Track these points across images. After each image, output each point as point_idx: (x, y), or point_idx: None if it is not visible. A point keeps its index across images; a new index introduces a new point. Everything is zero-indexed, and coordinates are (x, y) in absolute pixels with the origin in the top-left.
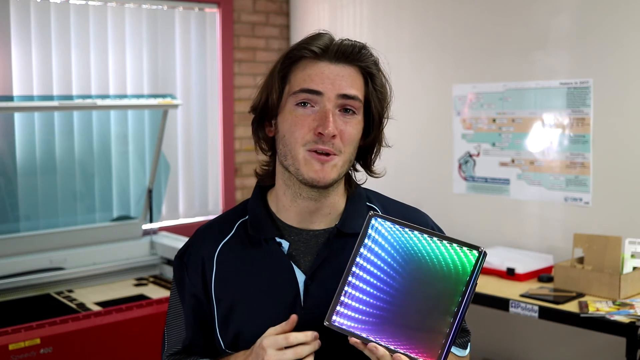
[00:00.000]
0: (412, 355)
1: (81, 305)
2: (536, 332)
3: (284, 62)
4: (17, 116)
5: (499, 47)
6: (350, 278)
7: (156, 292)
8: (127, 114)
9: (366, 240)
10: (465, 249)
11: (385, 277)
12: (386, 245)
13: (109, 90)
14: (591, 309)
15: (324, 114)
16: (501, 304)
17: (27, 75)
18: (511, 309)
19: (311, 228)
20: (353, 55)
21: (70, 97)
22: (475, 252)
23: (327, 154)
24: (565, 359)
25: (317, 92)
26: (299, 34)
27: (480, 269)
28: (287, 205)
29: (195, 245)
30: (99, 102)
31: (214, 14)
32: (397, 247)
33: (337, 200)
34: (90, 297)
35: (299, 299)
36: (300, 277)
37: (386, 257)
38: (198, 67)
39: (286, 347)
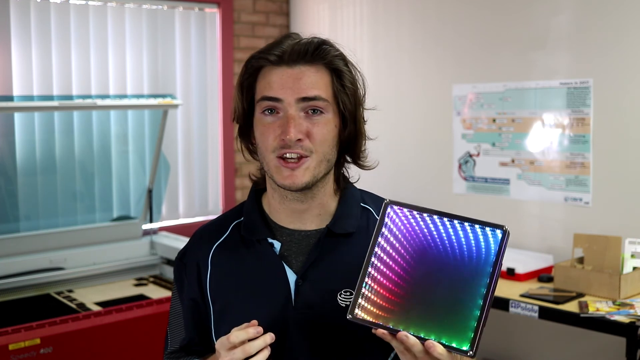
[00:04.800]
0: (444, 342)
1: (81, 305)
2: (536, 332)
3: (245, 72)
4: (17, 116)
5: (499, 47)
6: (369, 269)
7: (156, 292)
8: (127, 114)
9: (383, 229)
10: (488, 229)
11: (406, 266)
12: (405, 233)
13: (109, 90)
14: (591, 309)
15: (286, 120)
16: (501, 304)
17: (27, 75)
18: (511, 309)
19: (303, 228)
20: (309, 54)
21: (70, 97)
22: (499, 231)
23: (299, 158)
24: (565, 359)
25: (276, 99)
26: None
27: (505, 248)
28: (277, 207)
29: (193, 247)
30: (99, 102)
31: (214, 14)
32: (416, 234)
33: (326, 200)
34: (90, 297)
35: (290, 299)
36: (292, 277)
37: (405, 245)
38: (198, 67)
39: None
